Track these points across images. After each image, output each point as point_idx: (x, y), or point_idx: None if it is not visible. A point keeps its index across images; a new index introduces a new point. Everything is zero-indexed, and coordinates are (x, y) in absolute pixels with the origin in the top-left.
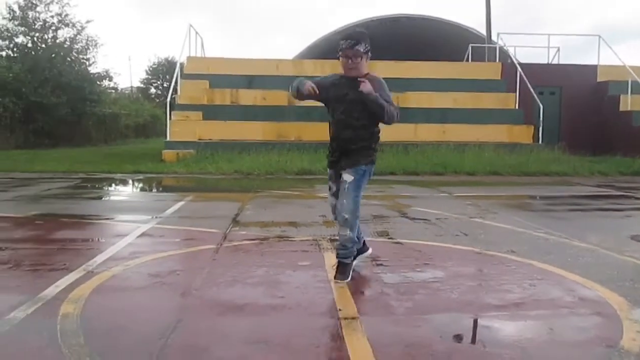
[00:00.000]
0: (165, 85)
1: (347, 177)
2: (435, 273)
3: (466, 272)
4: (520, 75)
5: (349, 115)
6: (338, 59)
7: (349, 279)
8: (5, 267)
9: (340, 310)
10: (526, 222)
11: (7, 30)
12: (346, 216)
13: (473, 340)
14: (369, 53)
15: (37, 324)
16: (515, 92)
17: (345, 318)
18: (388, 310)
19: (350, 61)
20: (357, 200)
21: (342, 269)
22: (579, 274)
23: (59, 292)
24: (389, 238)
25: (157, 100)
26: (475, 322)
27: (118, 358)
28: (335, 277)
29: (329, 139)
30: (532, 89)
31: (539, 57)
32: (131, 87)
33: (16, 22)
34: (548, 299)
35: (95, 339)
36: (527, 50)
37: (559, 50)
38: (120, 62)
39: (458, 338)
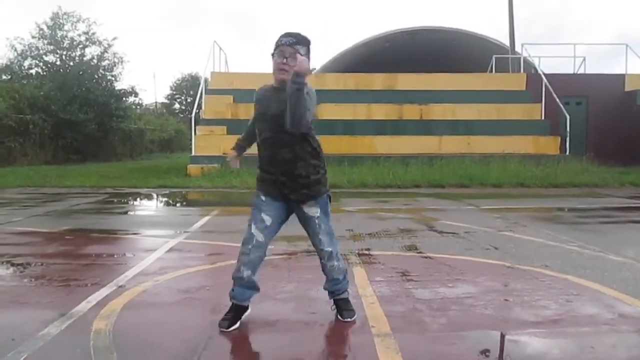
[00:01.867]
0: (189, 100)
1: (313, 211)
2: (467, 288)
3: (499, 287)
4: (546, 85)
5: (278, 132)
6: (272, 56)
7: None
8: (38, 282)
9: (373, 327)
10: (557, 235)
11: (37, 48)
12: (329, 249)
13: (511, 359)
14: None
15: (71, 340)
16: (541, 102)
17: (379, 335)
18: (422, 327)
19: (285, 60)
20: (332, 228)
21: (344, 305)
22: (617, 289)
23: (90, 307)
24: (418, 252)
25: (182, 115)
26: (513, 339)
27: None
28: (342, 317)
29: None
30: (557, 99)
31: (564, 66)
32: (156, 102)
33: (45, 41)
34: (587, 315)
35: (128, 356)
36: (552, 60)
37: (584, 59)
38: (145, 78)
39: (496, 356)
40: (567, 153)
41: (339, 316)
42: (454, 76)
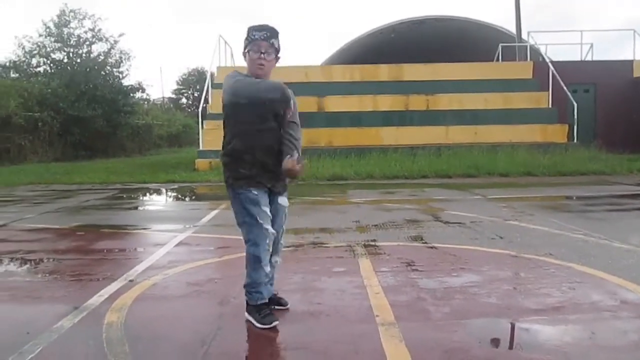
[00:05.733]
0: (196, 95)
1: (286, 202)
2: (471, 277)
3: (503, 276)
4: (553, 73)
5: (270, 122)
6: (244, 54)
7: None
8: (51, 277)
9: (377, 316)
10: (563, 224)
11: (44, 46)
12: (282, 243)
13: (512, 346)
14: (279, 58)
15: (84, 332)
16: (548, 90)
17: (383, 324)
18: (425, 316)
19: (262, 55)
20: None
21: (278, 295)
22: (620, 277)
23: (102, 301)
24: (423, 242)
25: (189, 110)
26: (514, 326)
27: None
28: (284, 304)
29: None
30: (565, 87)
31: (572, 54)
32: (163, 97)
33: (52, 39)
34: (589, 302)
35: (139, 347)
36: (559, 48)
37: (592, 46)
38: (152, 73)
39: (497, 343)
40: (575, 141)
41: (279, 307)
42: (460, 66)
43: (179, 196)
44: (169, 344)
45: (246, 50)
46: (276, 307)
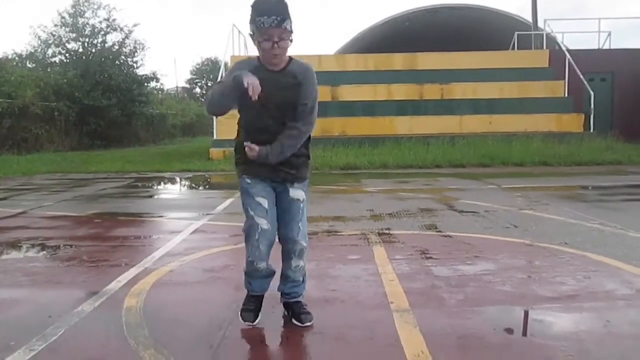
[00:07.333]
0: (209, 84)
1: (300, 194)
2: (486, 265)
3: (518, 264)
4: (569, 61)
5: (282, 123)
6: (252, 39)
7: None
8: (70, 263)
9: (392, 302)
10: (579, 213)
11: (59, 36)
12: (303, 244)
13: (526, 333)
14: (292, 37)
15: (104, 316)
16: (564, 79)
17: (397, 310)
18: (440, 303)
19: (276, 45)
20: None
21: (300, 308)
22: (636, 266)
23: (121, 286)
24: (437, 231)
25: (203, 100)
26: (529, 314)
27: (181, 349)
28: (301, 321)
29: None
30: (581, 76)
31: (589, 42)
32: (177, 87)
33: (67, 29)
34: (604, 291)
35: (158, 331)
36: (576, 36)
37: (609, 34)
38: (166, 62)
39: (511, 330)
40: (592, 130)
41: (296, 321)
42: (475, 54)
43: (194, 185)
44: (186, 328)
45: (254, 38)
46: (293, 320)
